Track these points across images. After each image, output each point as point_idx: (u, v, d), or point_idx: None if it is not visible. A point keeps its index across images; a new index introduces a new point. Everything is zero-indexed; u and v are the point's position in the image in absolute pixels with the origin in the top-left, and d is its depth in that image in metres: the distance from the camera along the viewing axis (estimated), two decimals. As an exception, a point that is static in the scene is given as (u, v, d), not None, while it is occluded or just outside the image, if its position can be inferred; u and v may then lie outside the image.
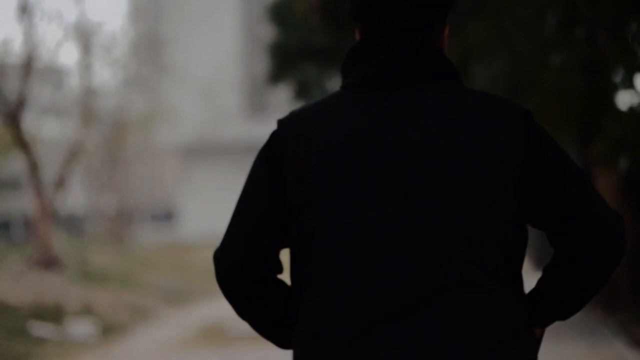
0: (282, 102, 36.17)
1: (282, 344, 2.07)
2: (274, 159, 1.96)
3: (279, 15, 16.55)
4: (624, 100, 8.62)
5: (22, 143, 16.14)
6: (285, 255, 2.04)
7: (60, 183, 17.31)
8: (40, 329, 11.14)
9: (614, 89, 7.36)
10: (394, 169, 1.90)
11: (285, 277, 2.06)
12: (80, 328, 11.60)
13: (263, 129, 47.85)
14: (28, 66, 16.16)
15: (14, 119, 15.86)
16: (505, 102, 1.94)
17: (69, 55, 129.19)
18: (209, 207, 46.88)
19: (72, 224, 37.08)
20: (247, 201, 1.99)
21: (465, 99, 1.92)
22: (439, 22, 1.99)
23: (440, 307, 1.87)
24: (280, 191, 1.95)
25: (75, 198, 41.00)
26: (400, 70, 1.94)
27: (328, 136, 1.93)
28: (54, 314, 11.94)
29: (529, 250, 22.82)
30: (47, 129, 32.11)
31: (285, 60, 16.71)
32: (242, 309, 2.03)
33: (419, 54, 1.94)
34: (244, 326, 12.46)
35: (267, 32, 22.24)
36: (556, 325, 9.16)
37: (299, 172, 1.93)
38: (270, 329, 2.05)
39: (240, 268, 1.98)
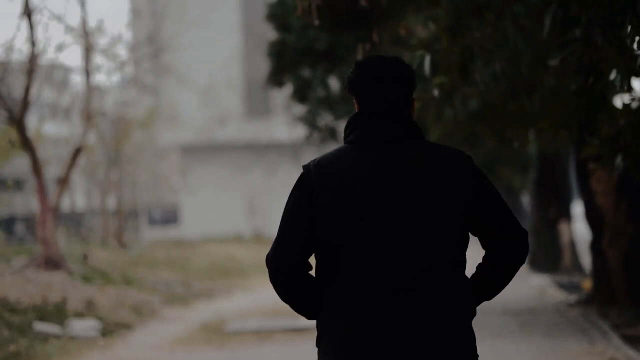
0: (282, 102, 36.19)
1: (309, 316, 3.08)
2: (304, 191, 2.99)
3: (279, 15, 16.60)
4: (621, 99, 8.69)
5: (26, 142, 16.21)
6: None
7: (64, 182, 17.38)
8: (43, 326, 11.22)
9: (612, 90, 7.43)
10: (388, 199, 2.93)
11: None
12: (83, 326, 11.68)
13: (263, 129, 47.96)
14: (32, 66, 16.22)
15: (18, 118, 15.93)
16: (454, 152, 3.00)
17: (71, 56, 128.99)
18: (209, 207, 46.90)
19: (75, 223, 37.14)
20: (288, 222, 3.01)
21: (430, 152, 2.99)
22: (409, 98, 3.07)
23: (426, 285, 2.92)
24: (311, 215, 2.98)
25: (77, 197, 41.08)
26: (386, 135, 3.00)
27: (341, 177, 2.96)
28: (57, 312, 12.01)
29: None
30: (50, 128, 32.18)
31: (285, 60, 16.75)
32: (285, 294, 3.06)
33: (395, 123, 3.01)
34: (243, 324, 12.54)
35: (267, 32, 22.29)
36: (557, 324, 9.25)
37: (326, 201, 2.96)
38: (302, 306, 3.07)
39: (285, 267, 3.01)
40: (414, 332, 2.88)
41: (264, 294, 17.99)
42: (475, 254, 3.27)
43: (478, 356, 3.01)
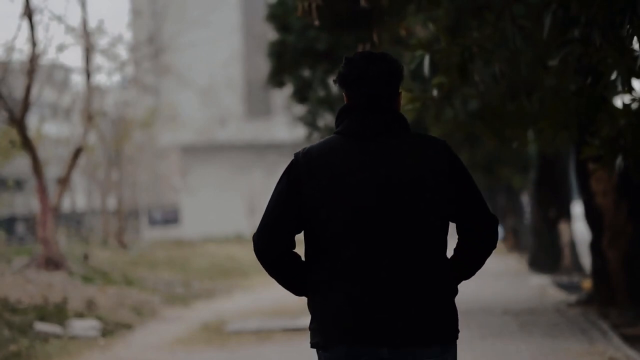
0: (282, 102, 36.18)
1: (296, 292, 3.27)
2: (292, 179, 3.16)
3: (279, 15, 16.61)
4: (621, 99, 8.69)
5: (26, 142, 16.22)
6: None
7: (64, 182, 17.39)
8: (43, 326, 11.23)
9: (611, 90, 7.43)
10: (375, 189, 3.11)
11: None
12: (83, 326, 11.69)
13: (263, 129, 47.95)
14: (32, 66, 16.22)
15: (18, 118, 15.94)
16: (435, 141, 3.20)
17: (72, 56, 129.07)
18: (209, 207, 46.91)
19: (75, 223, 37.15)
20: (274, 204, 3.18)
21: (413, 143, 3.18)
22: (396, 92, 3.24)
23: (412, 268, 3.12)
24: (297, 199, 3.14)
25: (78, 197, 41.07)
26: (372, 127, 3.17)
27: (329, 168, 3.13)
28: (57, 312, 12.02)
29: (525, 253, 22.48)
30: (50, 128, 32.19)
31: (285, 60, 16.76)
32: (271, 271, 3.24)
33: (384, 116, 3.20)
34: (243, 324, 12.55)
35: (267, 32, 22.29)
36: (557, 324, 9.22)
37: (313, 188, 3.13)
38: (288, 284, 3.26)
39: (269, 245, 3.20)
40: (401, 310, 3.09)
41: (264, 294, 18.00)
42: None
43: (459, 331, 3.21)
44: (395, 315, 3.09)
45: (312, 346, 3.20)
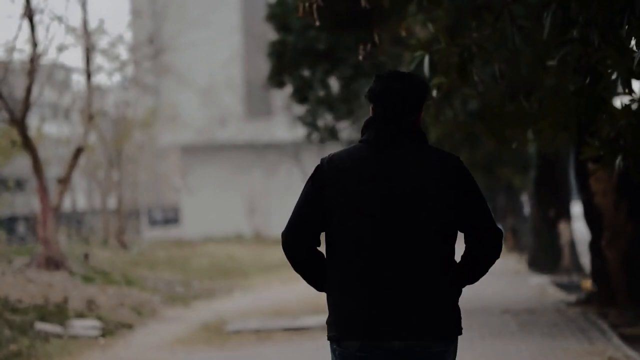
0: (282, 102, 36.17)
1: (318, 287, 3.60)
2: (317, 183, 3.50)
3: (279, 15, 16.61)
4: (620, 100, 8.70)
5: (27, 142, 16.22)
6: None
7: (64, 182, 17.39)
8: (44, 326, 11.24)
9: (611, 90, 7.43)
10: (386, 195, 3.41)
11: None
12: (84, 325, 11.70)
13: (263, 129, 47.94)
14: (33, 66, 16.22)
15: (19, 118, 15.95)
16: (447, 155, 3.49)
17: (72, 56, 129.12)
18: (209, 207, 46.90)
19: (76, 223, 37.15)
20: (301, 204, 3.53)
21: (427, 155, 3.46)
22: (417, 110, 3.55)
23: (418, 271, 3.42)
24: (321, 201, 3.48)
25: (78, 197, 41.07)
26: (388, 138, 3.48)
27: (349, 173, 3.45)
28: (58, 312, 12.03)
29: (525, 253, 22.47)
30: (51, 128, 32.17)
31: (285, 60, 16.76)
32: (297, 265, 3.60)
33: (389, 127, 3.50)
34: (243, 324, 12.55)
35: (267, 32, 22.29)
36: (556, 324, 9.22)
37: (332, 193, 3.46)
38: (312, 277, 3.59)
39: (295, 241, 3.55)
40: (409, 311, 3.40)
41: (264, 294, 18.02)
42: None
43: (462, 328, 3.51)
44: (403, 315, 3.39)
45: (329, 338, 3.50)
